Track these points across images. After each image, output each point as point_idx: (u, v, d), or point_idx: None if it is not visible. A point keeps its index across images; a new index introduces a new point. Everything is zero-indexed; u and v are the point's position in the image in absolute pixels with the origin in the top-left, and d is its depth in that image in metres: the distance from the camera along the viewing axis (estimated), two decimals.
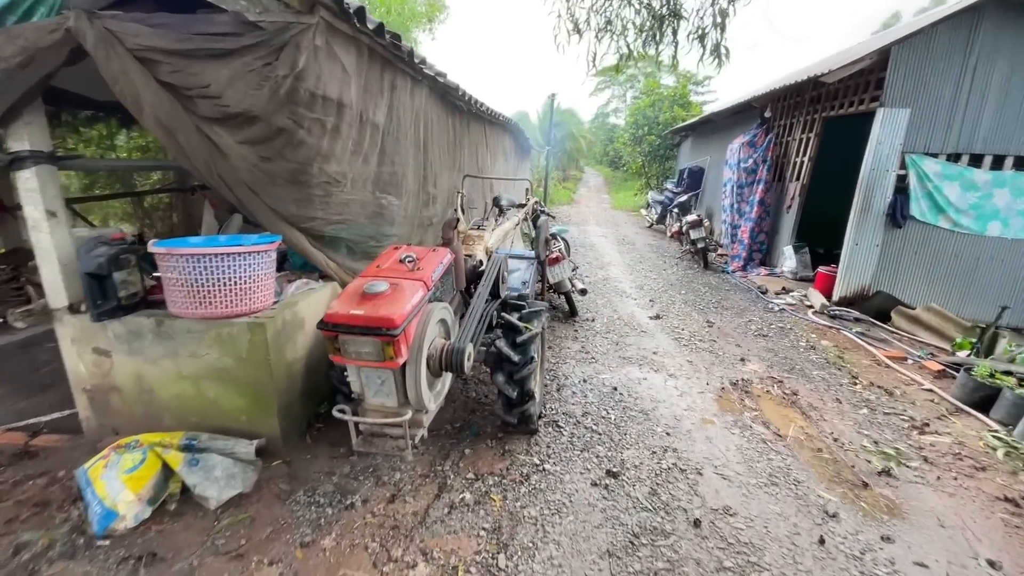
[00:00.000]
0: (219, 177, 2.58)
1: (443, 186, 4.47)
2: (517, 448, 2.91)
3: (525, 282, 3.69)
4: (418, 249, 2.47)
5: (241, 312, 2.53)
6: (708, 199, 11.51)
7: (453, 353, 2.17)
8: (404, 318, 1.93)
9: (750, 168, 8.32)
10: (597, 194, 22.92)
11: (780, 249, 7.98)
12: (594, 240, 10.53)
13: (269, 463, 2.64)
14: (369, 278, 2.15)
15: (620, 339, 4.77)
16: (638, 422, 3.26)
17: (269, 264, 2.62)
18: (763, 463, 2.89)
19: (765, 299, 6.47)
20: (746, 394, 3.76)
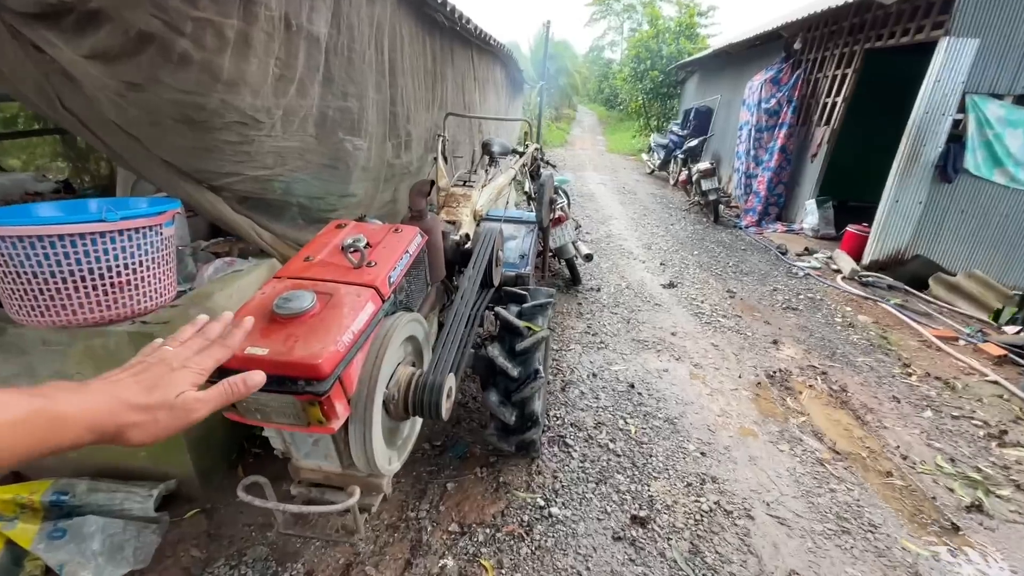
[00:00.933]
0: (69, 113, 1.70)
1: (419, 127, 3.56)
2: (514, 480, 2.26)
3: (524, 255, 2.91)
4: (371, 228, 1.66)
5: (117, 317, 1.75)
6: (716, 144, 10.54)
7: (425, 391, 1.43)
8: (338, 359, 1.17)
9: (772, 109, 7.37)
10: (592, 135, 21.56)
11: (800, 203, 7.21)
12: (592, 188, 9.63)
13: (181, 515, 1.95)
14: (286, 282, 1.36)
15: (631, 315, 4.07)
16: (664, 436, 2.62)
17: (161, 245, 1.81)
18: (825, 497, 2.28)
19: (786, 261, 5.78)
20: (787, 391, 3.13)
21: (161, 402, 0.60)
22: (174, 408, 0.61)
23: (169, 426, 0.61)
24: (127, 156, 1.86)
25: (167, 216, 1.79)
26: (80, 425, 0.53)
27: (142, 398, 0.59)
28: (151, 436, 0.59)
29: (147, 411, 0.58)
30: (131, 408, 0.57)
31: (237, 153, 1.98)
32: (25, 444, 0.48)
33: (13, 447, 0.47)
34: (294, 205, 2.55)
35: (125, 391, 0.58)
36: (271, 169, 2.19)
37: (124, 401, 0.57)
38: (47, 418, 0.50)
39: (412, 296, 1.68)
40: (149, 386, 0.60)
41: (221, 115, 1.80)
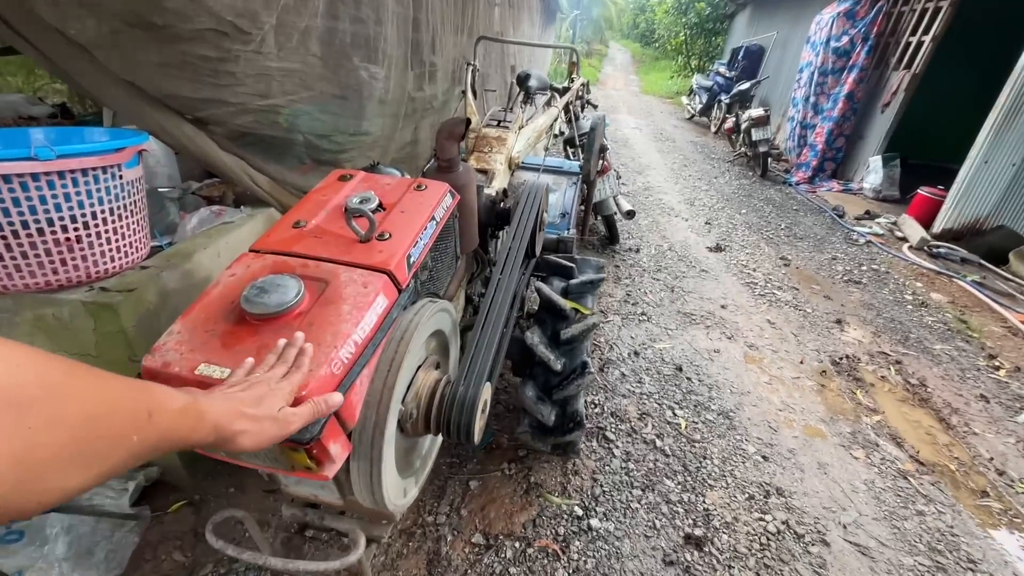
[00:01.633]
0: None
1: (446, 55, 3.02)
2: (548, 480, 1.95)
3: (565, 213, 2.47)
4: (386, 182, 1.24)
5: (68, 282, 1.40)
6: (766, 89, 9.54)
7: (453, 408, 1.07)
8: (331, 388, 0.80)
9: (842, 49, 6.47)
10: (624, 74, 20.10)
11: (861, 159, 6.49)
12: (627, 134, 8.88)
13: (164, 508, 1.69)
14: (264, 260, 0.97)
15: (675, 282, 3.64)
16: (719, 433, 2.27)
17: (120, 191, 1.42)
18: (913, 521, 1.94)
19: (844, 225, 5.20)
20: (856, 383, 2.73)
21: (267, 414, 0.65)
22: (277, 420, 0.66)
23: (273, 435, 0.66)
24: (76, 74, 1.44)
25: (126, 155, 1.39)
26: (211, 424, 0.57)
27: (253, 409, 0.64)
28: (256, 443, 0.63)
29: (257, 421, 0.64)
30: (245, 416, 0.62)
31: (217, 74, 1.55)
32: (180, 432, 0.53)
33: (175, 434, 0.52)
34: (296, 144, 2.12)
35: (240, 402, 0.64)
36: (264, 97, 1.75)
37: (240, 410, 0.63)
38: (195, 412, 0.56)
39: (438, 276, 1.29)
40: (257, 400, 0.65)
41: (189, 19, 1.35)
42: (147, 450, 0.49)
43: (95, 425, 0.43)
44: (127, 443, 0.46)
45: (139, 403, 0.48)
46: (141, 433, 0.47)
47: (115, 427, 0.45)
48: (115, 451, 0.45)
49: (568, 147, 3.87)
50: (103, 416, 0.44)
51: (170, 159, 2.35)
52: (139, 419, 0.47)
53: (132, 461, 0.47)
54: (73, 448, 0.41)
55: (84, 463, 0.42)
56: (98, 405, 0.44)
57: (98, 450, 0.43)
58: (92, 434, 0.42)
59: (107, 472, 0.45)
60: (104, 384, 0.46)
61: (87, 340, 1.44)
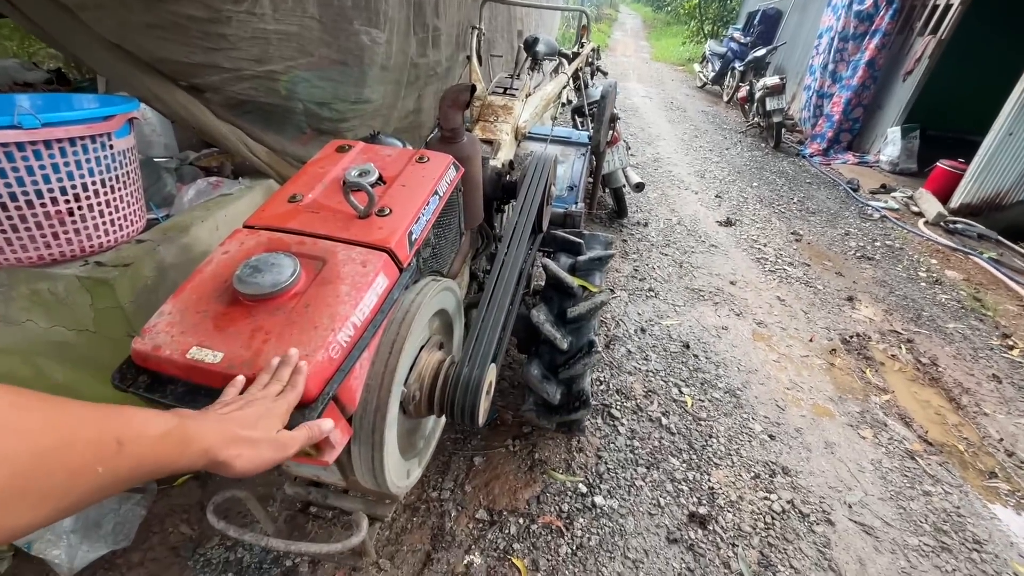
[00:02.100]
0: None
1: (449, 19, 2.89)
2: (552, 457, 1.95)
3: (573, 186, 2.39)
4: (386, 153, 1.18)
5: (61, 256, 1.36)
6: (782, 56, 9.17)
7: (458, 390, 1.04)
8: (331, 371, 0.77)
9: (866, 13, 6.16)
10: (635, 40, 19.41)
11: (879, 131, 6.28)
12: (636, 102, 8.62)
13: (170, 481, 1.70)
14: (258, 236, 0.92)
15: (684, 257, 3.57)
16: (725, 411, 2.25)
17: (112, 161, 1.37)
18: (919, 502, 1.93)
19: (859, 199, 5.07)
20: (866, 361, 2.69)
21: (264, 437, 0.63)
22: (275, 443, 0.64)
23: (270, 459, 0.63)
24: (63, 38, 1.36)
25: (116, 123, 1.33)
26: (200, 449, 0.54)
27: (249, 432, 0.61)
28: (253, 467, 0.60)
29: (253, 445, 0.61)
30: (240, 440, 0.59)
31: (208, 36, 1.46)
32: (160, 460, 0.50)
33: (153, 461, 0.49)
34: (296, 112, 2.04)
35: (236, 424, 0.61)
36: (260, 62, 1.67)
37: (235, 433, 0.59)
38: (180, 438, 0.52)
39: (441, 252, 1.24)
40: (253, 421, 0.63)
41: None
42: (119, 481, 0.46)
43: (46, 460, 0.39)
44: (90, 476, 0.43)
45: (104, 432, 0.45)
46: (108, 464, 0.44)
47: (72, 460, 0.42)
48: (75, 485, 0.42)
49: (577, 116, 3.74)
50: (56, 449, 0.40)
51: (166, 128, 2.28)
52: (105, 449, 0.44)
53: (100, 493, 0.44)
54: (18, 485, 0.37)
55: (35, 500, 0.39)
56: (50, 438, 0.40)
57: (52, 485, 0.40)
58: (41, 470, 0.39)
59: (68, 507, 0.42)
60: (61, 414, 0.43)
61: (84, 316, 1.42)
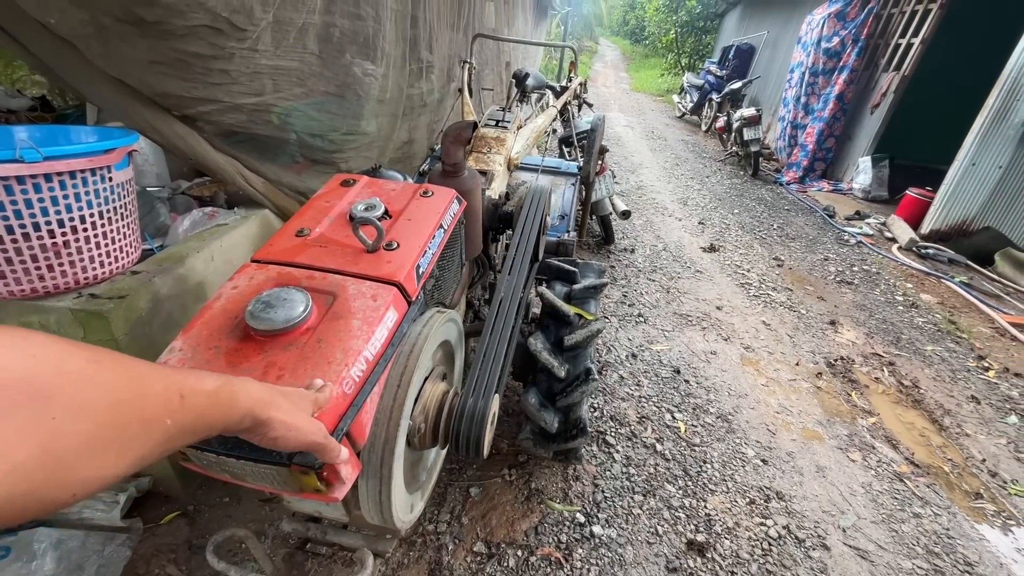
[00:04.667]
0: None
1: (442, 51, 2.97)
2: (549, 486, 1.93)
3: (564, 215, 2.44)
4: (390, 187, 1.20)
5: (55, 288, 1.34)
6: (756, 88, 9.59)
7: (463, 421, 1.04)
8: (344, 407, 0.77)
9: (833, 50, 6.52)
10: (615, 71, 20.08)
11: (851, 160, 6.56)
12: (619, 132, 8.87)
13: (157, 520, 1.64)
14: (267, 271, 0.93)
15: (671, 283, 3.64)
16: (718, 436, 2.27)
17: (111, 193, 1.36)
18: (910, 524, 1.95)
19: (835, 225, 5.25)
20: (851, 384, 2.75)
21: (300, 409, 0.64)
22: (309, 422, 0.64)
23: (301, 433, 0.62)
24: (62, 71, 1.38)
25: (116, 156, 1.34)
26: (244, 408, 0.55)
27: (289, 403, 0.62)
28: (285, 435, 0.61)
29: (290, 413, 0.61)
30: (280, 406, 0.60)
31: (211, 72, 1.49)
32: (215, 415, 0.51)
33: (209, 417, 0.50)
34: (289, 143, 2.07)
35: (277, 393, 0.62)
36: (260, 96, 1.70)
37: (276, 398, 0.60)
38: (228, 395, 0.53)
39: (444, 284, 1.25)
40: (292, 396, 0.64)
41: (182, 15, 1.30)
42: (183, 434, 0.48)
43: (125, 410, 0.42)
44: (161, 427, 0.45)
45: (170, 386, 0.47)
46: (175, 416, 0.46)
47: (147, 411, 0.44)
48: (150, 435, 0.44)
49: (564, 146, 3.84)
50: (132, 400, 0.43)
51: (159, 157, 2.28)
52: (172, 402, 0.46)
53: (169, 445, 0.47)
54: (103, 435, 0.40)
55: (118, 450, 0.41)
56: (125, 390, 0.42)
57: (131, 435, 0.42)
58: (122, 420, 0.41)
59: (144, 457, 0.44)
60: (131, 369, 0.45)
61: None
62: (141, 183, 2.12)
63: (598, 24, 32.08)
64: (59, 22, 1.25)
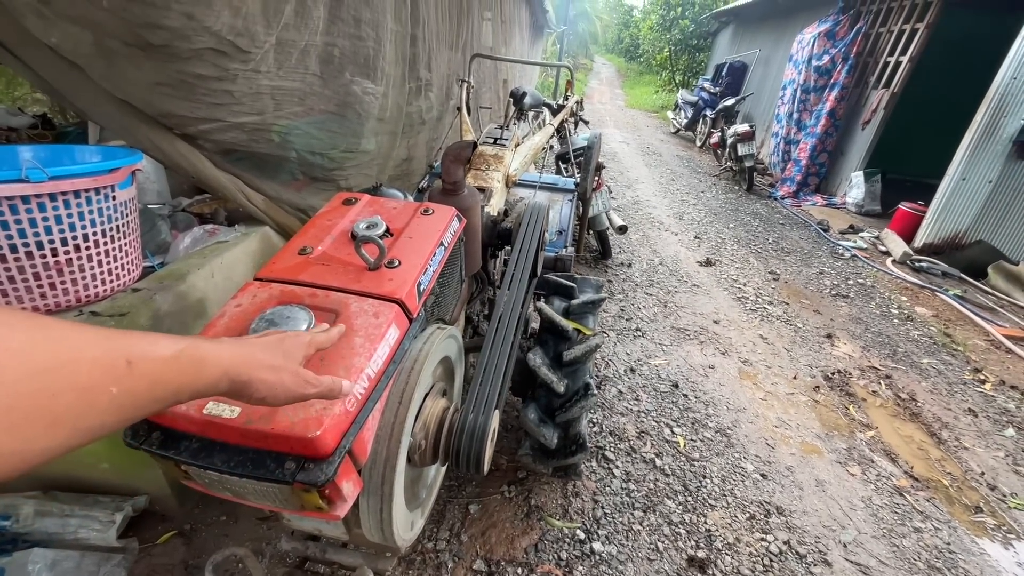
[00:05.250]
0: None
1: (440, 70, 3.03)
2: (548, 503, 1.92)
3: (562, 231, 2.47)
4: (391, 206, 1.22)
5: (57, 306, 1.34)
6: (749, 105, 9.75)
7: (463, 438, 1.04)
8: (347, 425, 0.77)
9: (824, 68, 6.66)
10: (610, 88, 20.39)
11: (844, 175, 6.65)
12: (615, 148, 8.98)
13: (153, 540, 1.63)
14: (271, 289, 0.94)
15: (668, 297, 3.66)
16: (717, 451, 2.27)
17: (114, 212, 1.38)
18: (911, 539, 1.95)
19: (829, 239, 5.30)
20: (849, 398, 2.76)
21: (285, 365, 0.61)
22: (296, 375, 0.62)
23: (291, 391, 0.61)
24: (68, 92, 1.40)
25: (120, 175, 1.36)
26: (219, 369, 0.53)
27: (270, 358, 0.60)
28: (273, 394, 0.59)
29: (276, 371, 0.59)
30: (261, 364, 0.58)
31: (215, 93, 1.52)
32: (178, 381, 0.49)
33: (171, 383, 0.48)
34: (289, 160, 2.09)
35: (255, 348, 0.59)
36: (262, 115, 1.73)
37: (255, 356, 0.58)
38: (193, 359, 0.51)
39: (444, 300, 1.27)
40: (275, 348, 0.62)
41: (188, 39, 1.33)
42: (140, 403, 0.45)
43: (48, 379, 0.38)
44: (105, 396, 0.41)
45: (112, 351, 0.43)
46: (121, 383, 0.43)
47: (80, 380, 0.40)
48: (91, 405, 0.41)
49: (560, 162, 3.89)
50: (57, 368, 0.39)
51: (159, 175, 2.30)
52: (116, 368, 0.43)
53: (123, 414, 0.44)
54: (23, 406, 0.36)
55: (47, 422, 0.38)
56: (47, 356, 0.39)
57: (63, 406, 0.39)
58: (45, 389, 0.38)
59: (90, 428, 0.41)
60: (58, 334, 0.41)
61: None
62: (142, 200, 2.14)
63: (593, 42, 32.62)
64: (64, 43, 1.28)
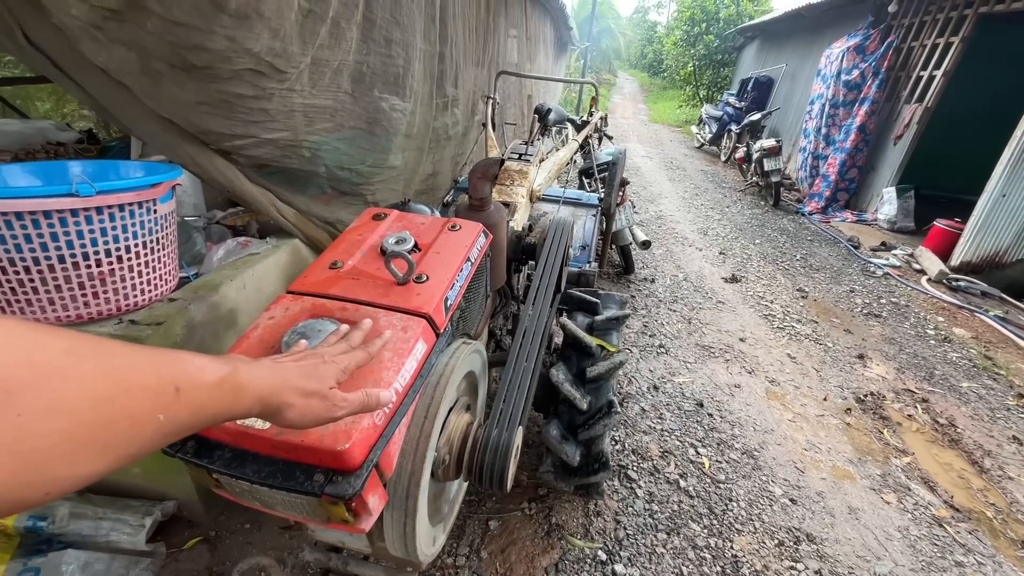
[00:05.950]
0: (37, 51, 1.31)
1: (466, 86, 3.08)
2: (569, 521, 1.89)
3: (586, 246, 2.47)
4: (419, 221, 1.24)
5: (98, 315, 1.40)
6: (775, 120, 9.62)
7: (487, 453, 1.04)
8: (375, 438, 0.78)
9: (854, 82, 6.54)
10: (633, 103, 20.40)
11: (874, 190, 6.48)
12: (638, 162, 8.95)
13: (180, 545, 1.66)
14: (302, 302, 0.96)
15: (692, 313, 3.61)
16: (744, 473, 2.21)
17: (154, 225, 1.44)
18: (951, 572, 1.85)
19: (860, 256, 5.16)
20: (883, 421, 2.66)
21: (316, 390, 0.62)
22: (326, 399, 0.62)
23: (319, 416, 0.62)
24: (115, 110, 1.47)
25: (162, 189, 1.41)
26: (253, 397, 0.54)
27: (303, 383, 0.60)
28: (302, 419, 0.60)
29: (305, 396, 0.60)
30: (293, 389, 0.59)
31: (252, 111, 1.58)
32: (217, 408, 0.50)
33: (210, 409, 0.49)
34: (320, 175, 2.15)
35: (289, 373, 0.60)
36: (294, 132, 1.78)
37: (288, 382, 0.59)
38: (233, 385, 0.51)
39: (470, 315, 1.27)
40: (308, 373, 0.62)
41: (229, 60, 1.39)
42: (180, 429, 0.45)
43: (107, 408, 0.38)
44: (152, 423, 0.42)
45: (163, 379, 0.44)
46: (168, 411, 0.43)
47: (133, 408, 0.40)
48: (139, 433, 0.41)
49: (584, 177, 3.90)
50: (115, 397, 0.39)
51: (196, 188, 2.39)
52: (164, 397, 0.43)
53: (162, 441, 0.44)
54: (81, 434, 0.37)
55: (99, 449, 0.38)
56: (109, 386, 0.39)
57: (115, 433, 0.39)
58: (103, 418, 0.38)
59: (131, 455, 0.41)
60: (118, 361, 0.41)
61: None
62: (180, 213, 2.22)
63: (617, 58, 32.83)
64: (113, 64, 1.35)
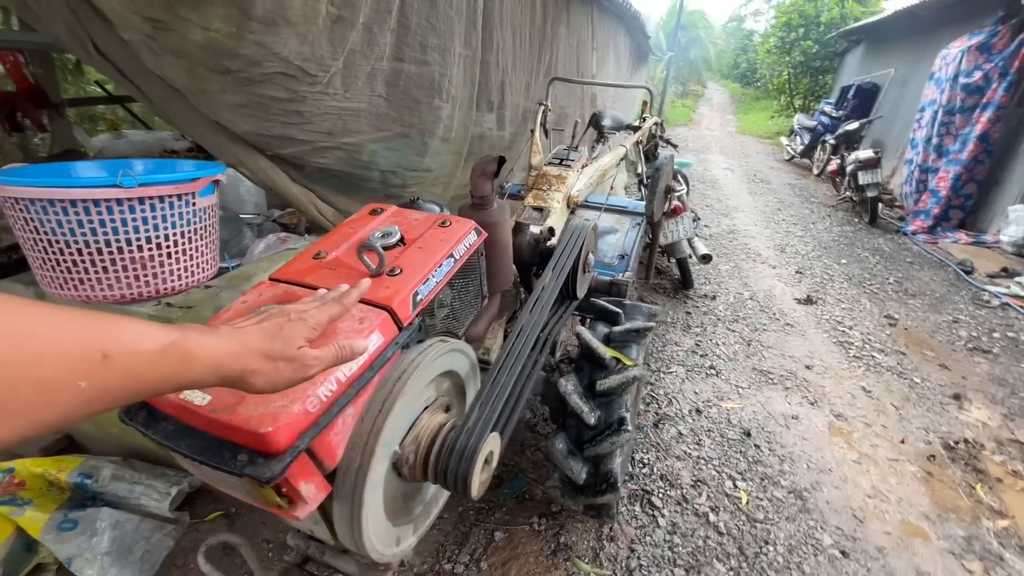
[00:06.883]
0: (105, 60, 1.49)
1: (518, 94, 3.09)
2: (579, 543, 1.79)
3: (625, 255, 2.35)
4: (413, 217, 1.24)
5: (139, 296, 1.54)
6: (879, 129, 8.69)
7: (451, 457, 1.00)
8: (304, 425, 0.77)
9: (975, 86, 5.74)
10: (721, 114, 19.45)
11: (997, 208, 5.62)
12: (716, 174, 8.49)
13: (203, 516, 1.77)
14: (277, 289, 0.99)
15: (754, 335, 3.32)
16: (788, 515, 1.97)
17: (193, 216, 1.57)
18: None
19: (973, 283, 4.48)
20: (977, 474, 2.26)
21: (282, 352, 0.60)
22: (294, 360, 0.61)
23: (290, 378, 0.61)
24: (173, 114, 1.64)
25: (200, 184, 1.54)
26: (206, 365, 0.52)
27: (265, 346, 0.58)
28: (272, 384, 0.59)
29: (270, 359, 0.58)
30: (255, 355, 0.57)
31: (287, 113, 1.68)
32: (159, 376, 0.48)
33: (151, 377, 0.47)
34: (373, 179, 2.25)
35: (249, 338, 0.58)
36: (330, 135, 1.87)
37: (249, 347, 0.57)
38: (180, 353, 0.49)
39: (457, 314, 1.25)
40: (270, 335, 0.60)
41: (259, 64, 1.49)
42: (113, 396, 0.43)
43: (9, 372, 0.36)
44: (71, 390, 0.39)
45: (88, 344, 0.41)
46: (93, 378, 0.41)
47: (44, 373, 0.38)
48: (53, 400, 0.39)
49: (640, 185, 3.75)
50: (21, 362, 0.37)
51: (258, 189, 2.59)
52: (89, 363, 0.41)
53: (89, 408, 0.41)
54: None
55: (2, 415, 0.36)
56: (11, 350, 0.37)
57: (21, 400, 0.37)
58: (4, 383, 0.36)
59: (49, 422, 0.39)
60: (29, 324, 0.39)
61: None
62: (241, 211, 2.42)
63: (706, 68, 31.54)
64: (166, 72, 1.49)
